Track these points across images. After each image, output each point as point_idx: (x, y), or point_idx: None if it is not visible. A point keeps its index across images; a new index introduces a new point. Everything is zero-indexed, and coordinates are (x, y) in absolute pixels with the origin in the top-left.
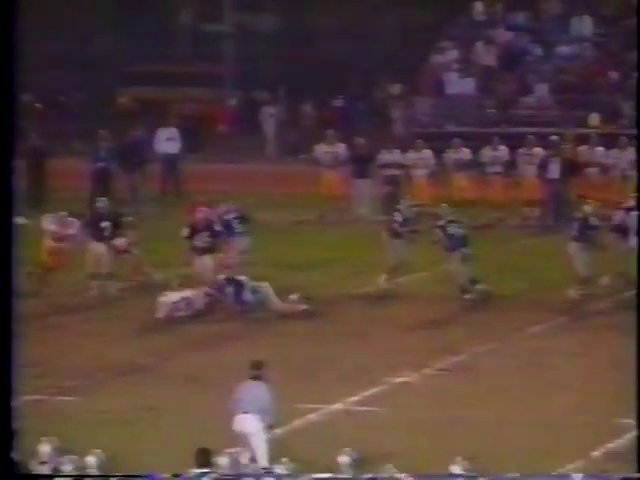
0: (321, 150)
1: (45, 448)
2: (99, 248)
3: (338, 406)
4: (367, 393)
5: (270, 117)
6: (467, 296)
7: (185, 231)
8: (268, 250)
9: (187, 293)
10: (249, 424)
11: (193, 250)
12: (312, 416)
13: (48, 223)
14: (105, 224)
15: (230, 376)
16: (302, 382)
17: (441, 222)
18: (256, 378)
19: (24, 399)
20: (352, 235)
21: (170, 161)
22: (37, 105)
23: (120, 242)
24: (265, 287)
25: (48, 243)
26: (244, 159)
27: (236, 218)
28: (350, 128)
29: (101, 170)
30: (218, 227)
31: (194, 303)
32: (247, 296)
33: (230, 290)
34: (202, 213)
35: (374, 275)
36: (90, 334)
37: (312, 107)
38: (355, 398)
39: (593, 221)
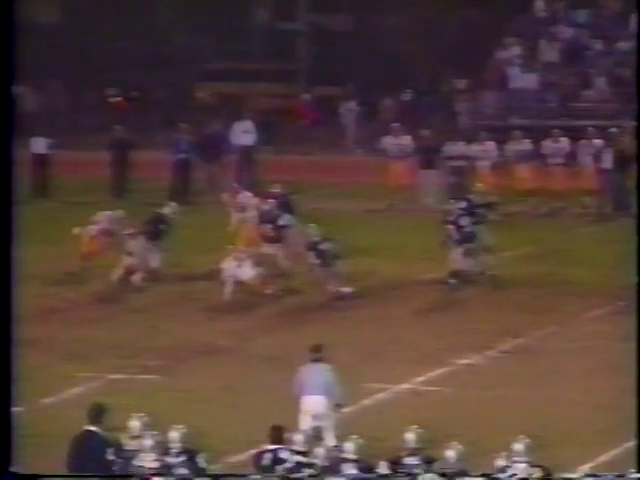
0: (388, 142)
1: (135, 423)
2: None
3: (405, 386)
4: (433, 374)
5: (348, 112)
6: (451, 281)
7: (256, 219)
8: (341, 237)
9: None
10: (317, 406)
11: (262, 237)
12: (380, 395)
13: (102, 220)
14: (163, 226)
15: (305, 356)
16: (371, 363)
17: (452, 217)
18: (317, 361)
19: (110, 377)
20: (419, 223)
21: (246, 153)
22: (120, 99)
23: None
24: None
25: (91, 235)
26: (316, 151)
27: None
28: (417, 121)
29: (182, 161)
30: (282, 221)
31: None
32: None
33: (326, 245)
34: (268, 205)
35: (439, 261)
36: (168, 316)
37: (382, 101)
38: (421, 378)
39: None
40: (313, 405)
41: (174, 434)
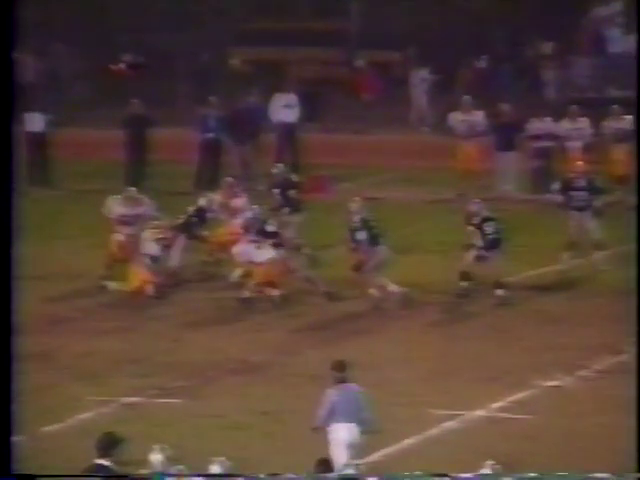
0: (457, 119)
1: (157, 456)
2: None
3: (479, 412)
4: (513, 398)
5: (420, 82)
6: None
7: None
8: (398, 233)
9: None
10: (348, 435)
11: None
12: (449, 423)
13: (115, 206)
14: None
15: (355, 375)
16: (437, 384)
17: (477, 220)
18: (341, 381)
19: (125, 401)
20: (495, 216)
21: (287, 131)
22: (137, 67)
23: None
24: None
25: (116, 232)
26: (371, 129)
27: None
28: (495, 93)
29: (210, 141)
30: (271, 227)
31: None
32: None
33: (363, 235)
34: (252, 211)
35: (518, 261)
36: (194, 326)
37: (454, 69)
38: (499, 404)
39: None
40: (344, 434)
41: (216, 468)
